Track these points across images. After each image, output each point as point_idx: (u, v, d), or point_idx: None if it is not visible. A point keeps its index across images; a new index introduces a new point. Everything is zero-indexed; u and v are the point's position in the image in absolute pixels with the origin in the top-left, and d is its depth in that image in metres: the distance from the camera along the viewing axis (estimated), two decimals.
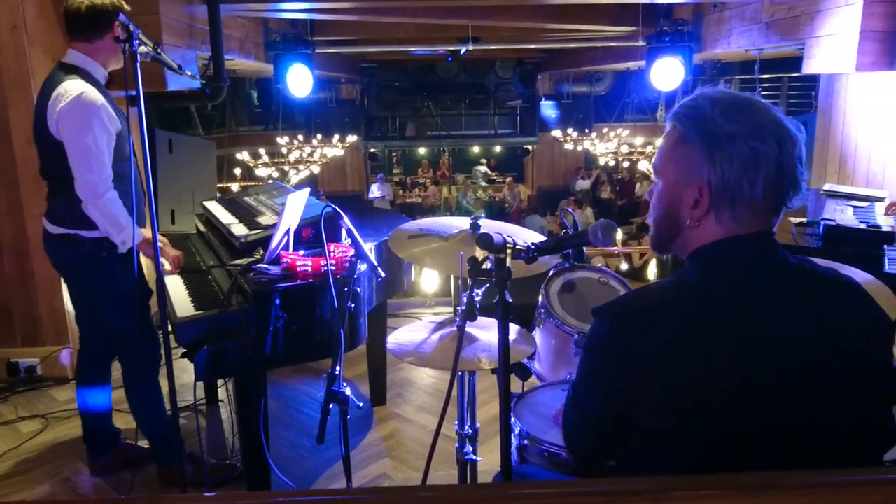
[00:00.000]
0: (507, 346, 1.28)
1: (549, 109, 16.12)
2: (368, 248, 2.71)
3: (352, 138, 14.26)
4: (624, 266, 10.27)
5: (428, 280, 6.07)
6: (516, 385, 2.19)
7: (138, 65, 2.24)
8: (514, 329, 1.96)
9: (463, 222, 2.07)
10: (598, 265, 2.49)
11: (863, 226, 2.84)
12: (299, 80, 6.36)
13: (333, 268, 2.32)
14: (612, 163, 14.08)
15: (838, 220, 2.90)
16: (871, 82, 4.71)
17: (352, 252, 2.29)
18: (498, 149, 19.61)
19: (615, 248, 10.36)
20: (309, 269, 2.39)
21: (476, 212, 14.58)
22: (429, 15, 6.65)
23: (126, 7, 2.50)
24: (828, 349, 1.11)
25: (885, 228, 2.82)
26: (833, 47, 4.58)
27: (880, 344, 1.16)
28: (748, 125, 1.09)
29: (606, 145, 13.27)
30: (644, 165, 12.39)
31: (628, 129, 14.24)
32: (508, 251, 1.30)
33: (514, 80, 16.15)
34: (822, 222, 2.88)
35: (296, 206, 2.47)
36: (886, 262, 2.78)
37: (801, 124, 1.16)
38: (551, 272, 2.22)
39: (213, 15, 4.64)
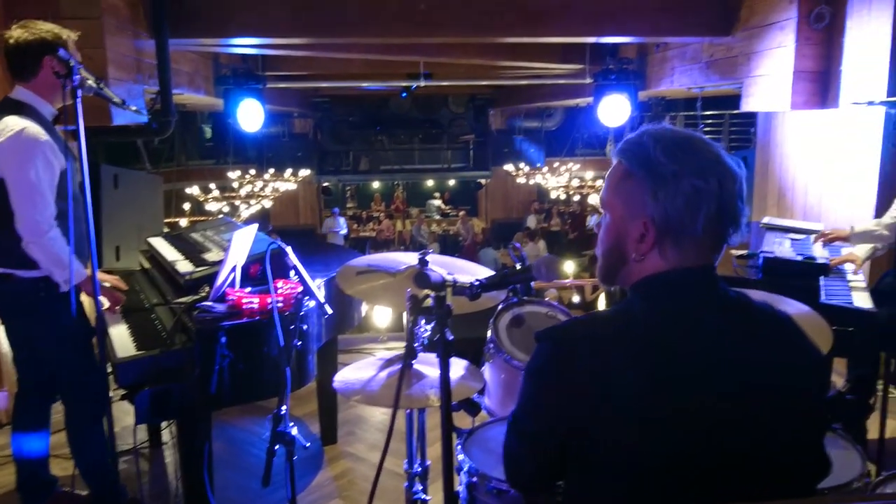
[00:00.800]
0: (448, 384, 1.28)
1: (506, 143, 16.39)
2: (317, 284, 2.68)
3: (305, 172, 14.21)
4: (576, 298, 10.39)
5: (381, 315, 6.03)
6: (466, 421, 2.18)
7: (79, 100, 2.20)
8: (462, 364, 1.95)
9: (412, 258, 2.07)
10: (548, 299, 2.51)
11: (799, 258, 2.94)
12: (250, 115, 6.32)
13: (280, 305, 2.29)
14: (563, 196, 14.33)
15: (777, 252, 3.00)
16: (806, 119, 4.92)
17: (300, 289, 2.26)
18: (452, 182, 19.78)
19: (566, 280, 10.47)
20: (255, 306, 2.35)
21: (430, 245, 14.62)
22: (381, 51, 6.73)
23: (68, 38, 2.45)
24: (765, 381, 1.13)
25: (820, 260, 2.93)
26: (769, 86, 4.79)
27: (812, 376, 1.19)
28: (690, 164, 1.12)
29: (558, 179, 13.51)
30: (594, 199, 12.64)
31: (579, 163, 14.56)
32: (448, 289, 1.30)
33: (466, 115, 16.40)
34: (762, 255, 2.97)
35: (243, 243, 2.44)
36: (823, 292, 2.88)
37: (741, 161, 1.20)
38: (500, 307, 2.23)
39: (162, 49, 4.61)
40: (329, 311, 2.20)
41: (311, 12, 5.06)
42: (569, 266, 12.01)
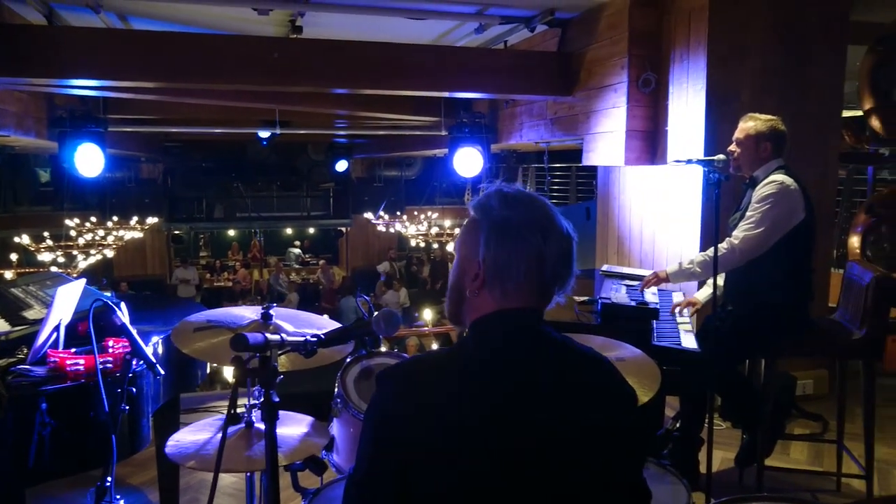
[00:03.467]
0: (275, 449, 1.23)
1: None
2: (155, 340, 2.52)
3: (153, 220, 13.46)
4: (434, 346, 10.49)
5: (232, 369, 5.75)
6: (312, 480, 2.11)
7: None
8: (306, 421, 1.89)
9: (255, 312, 1.99)
10: (392, 351, 2.50)
11: (633, 303, 3.15)
12: (89, 160, 5.92)
13: (110, 366, 2.13)
14: (423, 244, 14.53)
15: (613, 298, 3.19)
16: (640, 173, 5.34)
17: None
18: (312, 230, 19.50)
19: (426, 328, 10.57)
20: (81, 368, 2.16)
21: (289, 295, 14.25)
22: (233, 98, 6.57)
23: None
24: (583, 419, 1.22)
25: (651, 305, 3.15)
26: (605, 143, 5.17)
27: (625, 412, 1.30)
28: (520, 218, 1.26)
29: (418, 227, 13.71)
30: (451, 246, 12.94)
31: (438, 211, 14.86)
32: (273, 349, 1.26)
33: (326, 163, 16.32)
34: (600, 301, 3.16)
35: (68, 299, 2.25)
36: (654, 335, 3.09)
37: (571, 225, 1.33)
38: (348, 359, 2.19)
39: None
40: (161, 371, 2.05)
41: (159, 56, 4.86)
42: (427, 314, 12.14)
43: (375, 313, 1.39)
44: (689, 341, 3.07)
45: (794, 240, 3.09)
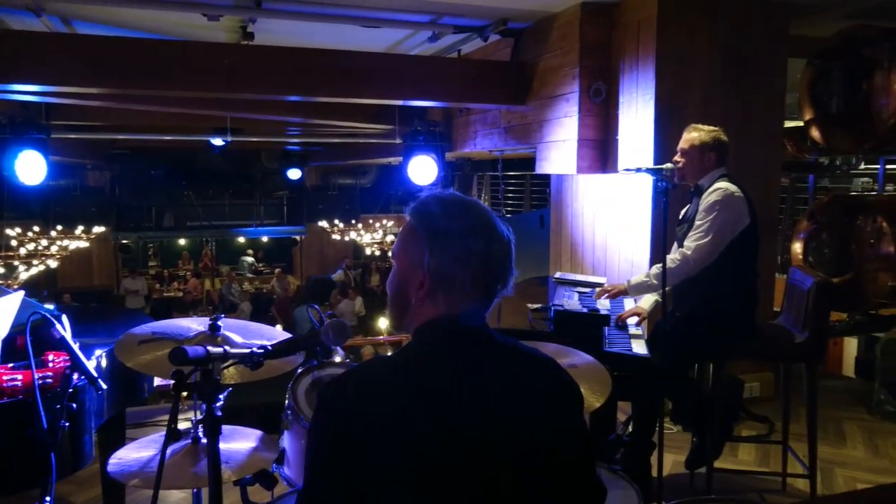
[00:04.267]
0: (218, 467, 1.20)
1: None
2: (99, 354, 2.45)
3: (99, 229, 13.09)
4: (389, 354, 10.43)
5: None
6: (263, 495, 2.07)
7: None
8: (255, 435, 1.86)
9: (202, 323, 1.95)
10: (345, 361, 2.48)
11: (585, 310, 3.19)
12: (31, 168, 5.72)
13: (50, 380, 2.05)
14: (378, 252, 14.47)
15: (566, 305, 3.23)
16: (592, 181, 5.42)
17: None
18: (265, 239, 19.21)
19: (380, 337, 10.51)
20: (19, 383, 2.08)
21: (242, 304, 14.02)
22: (184, 105, 6.44)
23: None
24: (533, 422, 1.22)
25: (603, 311, 3.19)
26: (558, 152, 5.23)
27: (576, 413, 1.32)
28: (462, 225, 1.26)
29: (373, 235, 13.65)
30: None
31: (393, 219, 14.83)
32: (215, 362, 1.23)
33: (280, 171, 16.11)
34: (552, 308, 3.18)
35: (5, 312, 2.16)
36: (606, 341, 3.13)
37: (510, 228, 1.33)
38: (299, 370, 2.16)
39: None
40: (103, 386, 1.99)
41: (105, 61, 4.73)
42: (382, 322, 12.08)
43: (325, 323, 1.36)
44: (639, 347, 3.11)
45: (738, 246, 3.17)
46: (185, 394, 1.29)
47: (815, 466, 3.29)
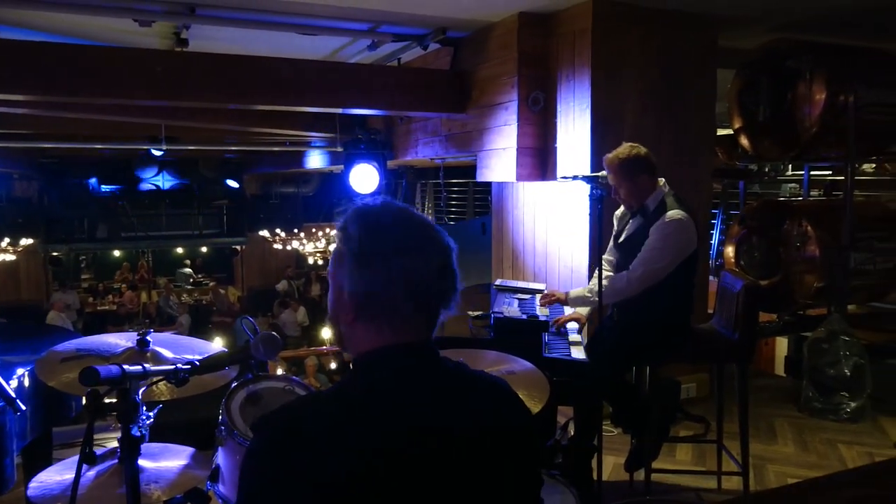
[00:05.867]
0: (137, 489, 1.16)
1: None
2: (21, 373, 2.35)
3: (27, 241, 12.56)
4: (333, 365, 10.33)
5: None
6: None
7: None
8: (186, 452, 1.80)
9: (130, 339, 1.88)
10: (280, 374, 2.44)
11: (524, 317, 3.22)
12: None
13: None
14: (321, 261, 14.32)
15: (505, 312, 3.25)
16: (532, 189, 5.48)
17: None
18: (204, 249, 18.78)
19: (324, 347, 10.39)
20: None
21: (180, 317, 13.65)
22: (115, 113, 6.24)
23: None
24: (481, 445, 1.18)
25: (542, 318, 3.23)
26: (498, 159, 5.28)
27: (525, 435, 1.27)
28: (390, 244, 1.16)
29: (315, 244, 13.50)
30: None
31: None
32: (130, 381, 1.18)
33: (219, 180, 15.78)
34: (493, 315, 3.20)
35: None
36: (545, 347, 3.17)
37: (449, 238, 1.24)
38: (233, 384, 2.11)
39: None
40: (21, 407, 1.90)
41: (31, 67, 4.54)
42: (326, 332, 11.95)
43: (256, 336, 1.33)
44: (578, 353, 3.16)
45: (682, 265, 3.21)
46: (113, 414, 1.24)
47: (747, 464, 3.39)
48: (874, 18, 5.17)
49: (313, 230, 14.30)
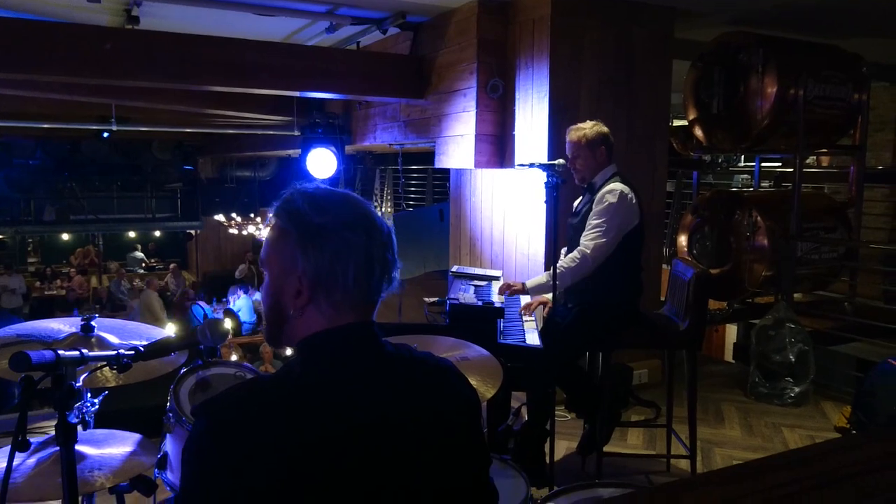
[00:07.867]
0: (74, 477, 1.13)
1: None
2: None
3: None
4: (289, 351, 10.21)
5: None
6: (144, 501, 1.97)
7: None
8: (132, 439, 1.77)
9: (74, 324, 1.83)
10: (231, 360, 2.40)
11: (480, 303, 3.23)
12: None
13: None
14: None
15: (461, 299, 3.26)
16: (490, 176, 5.50)
17: None
18: (157, 233, 18.38)
19: None
20: None
21: (132, 302, 13.35)
22: (63, 91, 6.04)
23: None
24: (426, 428, 1.18)
25: (497, 304, 3.24)
26: (456, 146, 5.27)
27: (471, 417, 1.28)
28: (337, 218, 1.16)
29: None
30: None
31: None
32: (68, 366, 1.15)
33: (173, 162, 15.43)
34: (448, 301, 3.21)
35: None
36: (501, 333, 3.19)
37: (384, 219, 1.26)
38: (182, 371, 2.07)
39: None
40: None
41: None
42: None
43: (202, 322, 1.30)
44: (532, 339, 3.19)
45: (626, 243, 3.29)
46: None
47: (695, 447, 3.48)
48: (825, 15, 5.31)
49: (270, 215, 14.09)
